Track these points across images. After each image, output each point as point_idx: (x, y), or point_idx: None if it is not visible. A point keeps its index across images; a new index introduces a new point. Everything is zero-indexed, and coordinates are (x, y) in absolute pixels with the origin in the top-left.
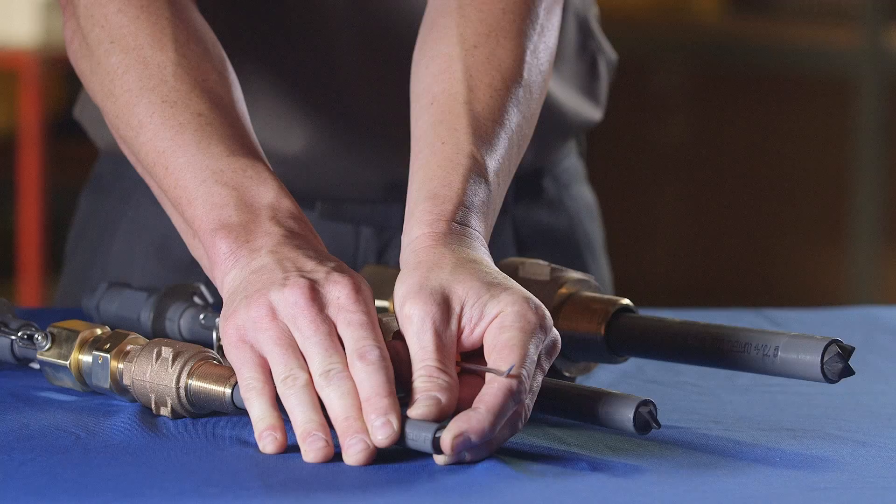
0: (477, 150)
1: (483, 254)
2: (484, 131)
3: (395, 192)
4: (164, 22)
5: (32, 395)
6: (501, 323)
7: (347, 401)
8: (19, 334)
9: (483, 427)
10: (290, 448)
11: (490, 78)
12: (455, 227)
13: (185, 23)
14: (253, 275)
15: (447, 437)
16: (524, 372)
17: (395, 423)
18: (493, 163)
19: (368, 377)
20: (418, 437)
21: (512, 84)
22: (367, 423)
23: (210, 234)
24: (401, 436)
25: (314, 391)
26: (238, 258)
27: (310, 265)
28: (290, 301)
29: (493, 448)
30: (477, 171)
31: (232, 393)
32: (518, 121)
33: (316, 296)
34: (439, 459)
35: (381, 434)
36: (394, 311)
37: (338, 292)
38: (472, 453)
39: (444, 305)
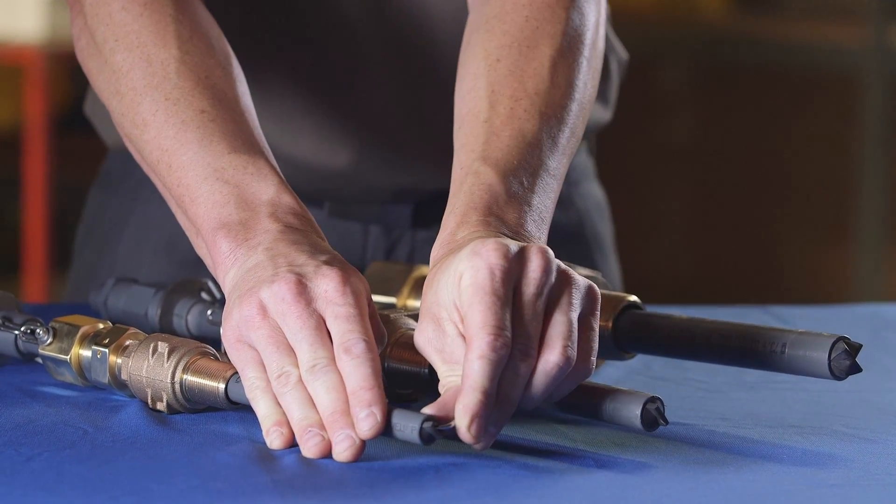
0: (486, 167)
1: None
2: (496, 146)
3: (404, 196)
4: (168, 19)
5: (39, 390)
6: (461, 286)
7: (333, 395)
8: (22, 329)
9: (478, 409)
10: (298, 444)
11: (512, 90)
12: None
13: (188, 18)
14: (248, 273)
15: (463, 430)
16: (487, 337)
17: (378, 415)
18: (500, 176)
19: (354, 370)
20: (405, 428)
21: (535, 91)
22: (353, 416)
23: (211, 233)
24: (388, 426)
25: None
26: (237, 257)
27: (301, 259)
28: (279, 297)
29: (532, 404)
30: (481, 189)
31: (226, 388)
32: (542, 124)
33: (303, 290)
34: (477, 446)
35: (365, 426)
36: (402, 307)
37: (325, 285)
38: (494, 422)
39: None
